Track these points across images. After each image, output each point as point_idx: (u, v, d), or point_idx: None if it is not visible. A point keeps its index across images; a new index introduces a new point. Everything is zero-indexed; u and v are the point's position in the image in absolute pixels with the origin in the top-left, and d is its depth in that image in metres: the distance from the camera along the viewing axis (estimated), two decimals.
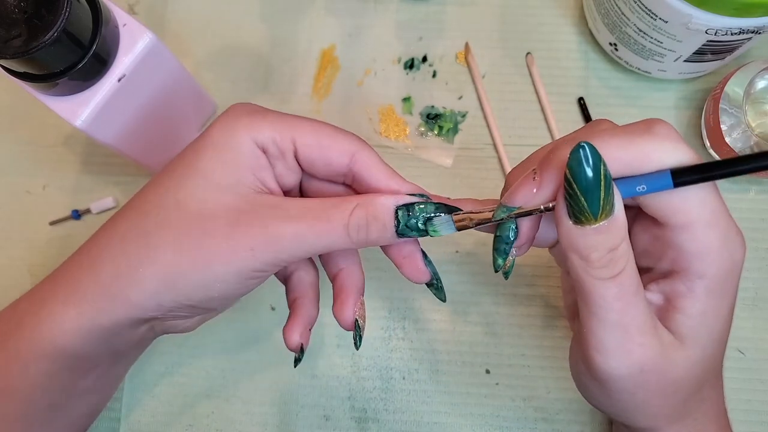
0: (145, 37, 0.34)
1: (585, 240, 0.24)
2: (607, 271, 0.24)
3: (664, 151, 0.24)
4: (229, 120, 0.28)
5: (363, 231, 0.27)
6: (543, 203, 0.26)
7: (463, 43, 0.47)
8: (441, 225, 0.28)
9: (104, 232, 0.29)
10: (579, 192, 0.23)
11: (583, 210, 0.24)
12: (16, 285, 0.44)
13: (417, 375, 0.42)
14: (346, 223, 0.27)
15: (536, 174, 0.26)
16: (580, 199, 0.23)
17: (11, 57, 0.29)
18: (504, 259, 0.28)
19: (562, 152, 0.25)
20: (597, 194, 0.23)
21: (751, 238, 0.44)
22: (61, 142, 0.46)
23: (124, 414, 0.42)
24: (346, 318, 0.31)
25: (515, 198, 0.26)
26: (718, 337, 0.27)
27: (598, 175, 0.23)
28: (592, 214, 0.24)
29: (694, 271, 0.25)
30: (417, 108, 0.46)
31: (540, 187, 0.25)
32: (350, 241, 0.27)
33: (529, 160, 0.29)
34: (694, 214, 0.24)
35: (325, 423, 0.42)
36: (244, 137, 0.28)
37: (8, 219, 0.46)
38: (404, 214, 0.27)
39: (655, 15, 0.38)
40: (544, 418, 0.42)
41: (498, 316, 0.43)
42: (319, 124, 0.29)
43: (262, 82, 0.47)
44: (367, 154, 0.29)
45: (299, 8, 0.48)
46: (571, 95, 0.46)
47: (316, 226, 0.27)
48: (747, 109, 0.39)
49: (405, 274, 0.30)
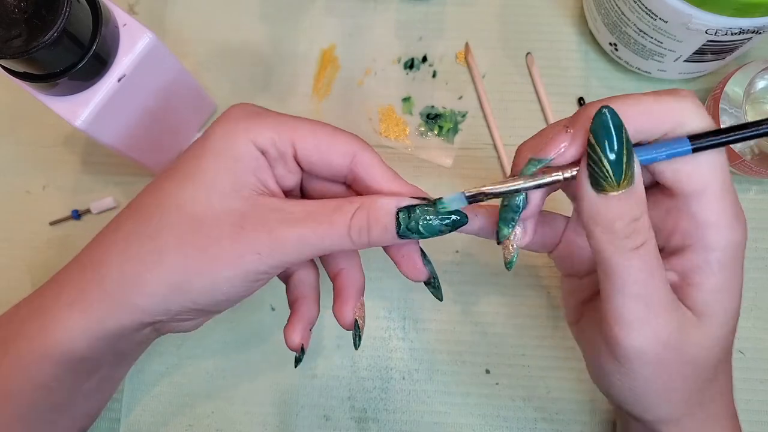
0: (145, 37, 0.34)
1: (608, 209, 0.25)
2: (631, 242, 0.25)
3: (688, 114, 0.25)
4: (228, 123, 0.28)
5: (365, 233, 0.28)
6: (572, 159, 0.26)
7: (463, 43, 0.47)
8: (451, 200, 0.27)
9: (107, 235, 0.29)
10: (602, 156, 0.24)
11: (606, 175, 0.24)
12: (16, 285, 0.44)
13: (417, 375, 0.42)
14: (348, 225, 0.27)
15: (568, 128, 0.26)
16: (604, 164, 0.24)
17: (11, 57, 0.29)
18: (510, 228, 0.28)
19: (591, 110, 0.25)
20: (620, 158, 0.24)
21: (751, 238, 0.43)
22: (61, 142, 0.46)
23: (124, 414, 0.42)
24: (345, 318, 0.31)
25: (548, 149, 0.26)
26: (732, 314, 0.27)
27: (621, 139, 0.24)
28: (615, 180, 0.24)
29: (707, 242, 0.26)
30: (417, 108, 0.46)
31: (572, 141, 0.25)
32: (352, 243, 0.28)
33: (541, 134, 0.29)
34: (708, 180, 0.25)
35: (325, 423, 0.42)
36: (243, 140, 0.28)
37: (8, 219, 0.46)
38: (405, 217, 0.27)
39: (655, 15, 0.38)
40: (544, 418, 0.42)
41: (498, 316, 0.43)
42: (318, 126, 0.29)
43: (262, 82, 0.47)
44: (368, 155, 0.29)
45: (299, 8, 0.48)
46: (571, 95, 0.46)
47: (319, 230, 0.27)
48: (747, 109, 0.39)
49: (403, 272, 0.31)
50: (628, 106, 0.25)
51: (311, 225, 0.27)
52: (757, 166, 0.40)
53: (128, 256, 0.28)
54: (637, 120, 0.25)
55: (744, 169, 0.41)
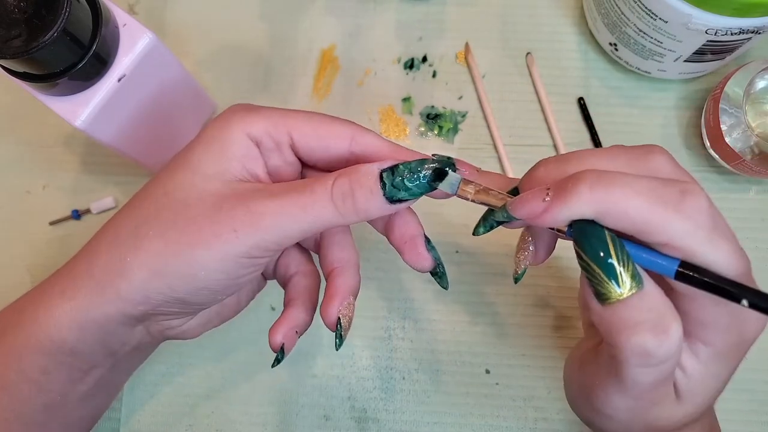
0: (145, 37, 0.34)
1: (620, 318, 0.23)
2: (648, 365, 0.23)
3: (695, 241, 0.22)
4: (224, 115, 0.29)
5: (349, 199, 0.26)
6: (549, 226, 0.24)
7: (463, 43, 0.47)
8: (447, 182, 0.26)
9: (104, 227, 0.30)
10: (596, 267, 0.22)
11: (602, 283, 0.22)
12: (16, 285, 0.44)
13: (417, 375, 0.42)
14: (330, 192, 0.26)
15: (548, 194, 0.24)
16: (601, 276, 0.22)
17: (11, 57, 0.29)
18: (487, 229, 0.27)
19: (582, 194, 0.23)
20: (610, 264, 0.22)
21: (751, 238, 0.44)
22: (61, 142, 0.46)
23: (124, 414, 0.42)
24: (328, 316, 0.29)
25: (521, 209, 0.24)
26: (714, 396, 0.26)
27: (606, 245, 0.22)
28: (621, 288, 0.22)
29: (701, 338, 0.25)
30: (417, 108, 0.46)
31: (548, 211, 0.23)
32: (338, 213, 0.26)
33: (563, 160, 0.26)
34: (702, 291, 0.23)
35: (325, 423, 0.42)
36: (237, 130, 0.28)
37: (8, 219, 0.46)
38: (389, 175, 0.26)
39: (655, 15, 0.38)
40: (544, 418, 0.42)
41: (498, 316, 0.43)
42: (314, 114, 0.29)
43: (262, 82, 0.47)
44: (367, 134, 0.29)
45: (299, 8, 0.48)
46: (571, 95, 0.46)
47: (300, 199, 0.26)
48: (747, 109, 0.39)
49: (407, 261, 0.29)
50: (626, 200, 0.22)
51: (291, 196, 0.26)
52: (757, 166, 0.40)
53: (116, 243, 0.28)
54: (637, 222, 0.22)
55: (744, 169, 0.41)
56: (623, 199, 0.22)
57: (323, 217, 0.26)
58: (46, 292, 0.29)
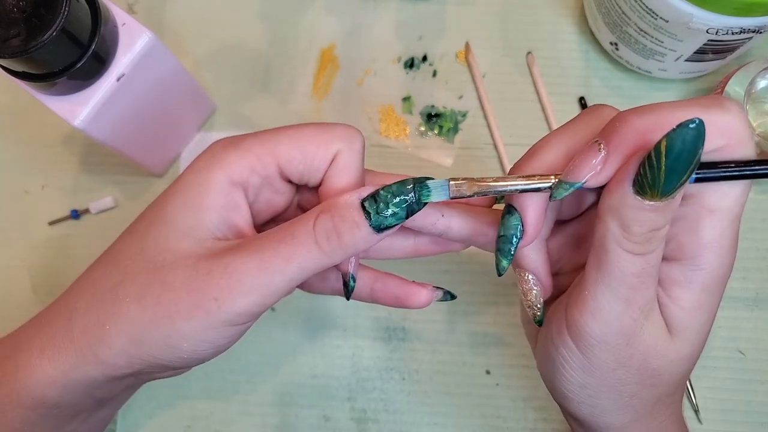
0: (144, 36, 0.34)
1: (636, 213, 0.23)
2: (640, 248, 0.23)
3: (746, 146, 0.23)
4: (203, 157, 0.27)
5: (333, 237, 0.25)
6: (606, 181, 0.23)
7: (464, 43, 0.47)
8: (435, 189, 0.25)
9: (82, 279, 0.28)
10: (664, 168, 0.21)
11: (656, 184, 0.22)
12: (15, 285, 0.44)
13: (417, 375, 0.42)
14: (313, 234, 0.25)
15: (602, 146, 0.23)
16: (660, 175, 0.21)
17: (10, 56, 0.29)
18: (509, 261, 0.26)
19: (623, 124, 0.23)
20: (680, 175, 0.21)
21: (751, 238, 0.44)
22: (60, 141, 0.46)
23: (121, 415, 0.42)
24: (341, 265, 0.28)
25: (581, 172, 0.23)
26: (703, 336, 0.26)
27: (695, 158, 0.21)
28: (662, 193, 0.22)
29: (701, 261, 0.25)
30: (417, 107, 0.46)
31: (607, 161, 0.23)
32: (324, 254, 0.25)
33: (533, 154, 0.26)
34: (731, 203, 0.24)
35: (324, 423, 0.42)
36: (217, 176, 0.26)
37: (7, 219, 0.46)
38: (371, 204, 0.25)
39: (656, 14, 0.38)
40: (544, 418, 0.42)
41: (498, 316, 0.43)
42: (299, 131, 0.27)
43: (261, 81, 0.47)
44: (348, 156, 0.27)
45: (299, 8, 0.48)
46: (572, 95, 0.46)
47: (281, 249, 0.25)
48: (748, 109, 0.39)
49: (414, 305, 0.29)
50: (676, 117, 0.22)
51: (271, 247, 0.25)
52: None
53: (94, 302, 0.26)
54: None
55: None
56: (671, 112, 0.22)
57: (308, 264, 0.25)
58: (24, 348, 0.27)
